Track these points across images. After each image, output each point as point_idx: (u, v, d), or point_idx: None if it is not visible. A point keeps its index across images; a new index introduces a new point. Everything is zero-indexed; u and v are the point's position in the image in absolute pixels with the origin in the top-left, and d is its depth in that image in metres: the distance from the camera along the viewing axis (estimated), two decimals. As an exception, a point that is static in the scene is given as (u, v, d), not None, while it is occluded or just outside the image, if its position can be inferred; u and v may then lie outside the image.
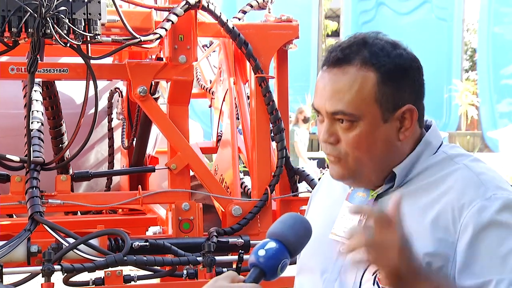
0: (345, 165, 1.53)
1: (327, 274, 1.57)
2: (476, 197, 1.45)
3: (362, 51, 1.50)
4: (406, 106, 1.51)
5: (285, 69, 3.85)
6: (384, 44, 1.52)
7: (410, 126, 1.53)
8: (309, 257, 1.63)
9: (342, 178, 1.56)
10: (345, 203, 1.62)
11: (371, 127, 1.50)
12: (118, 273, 3.18)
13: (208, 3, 3.49)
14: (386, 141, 1.52)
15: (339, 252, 1.56)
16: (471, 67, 25.90)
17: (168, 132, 3.59)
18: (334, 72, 1.51)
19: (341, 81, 1.50)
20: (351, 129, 1.50)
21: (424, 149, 1.56)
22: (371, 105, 1.49)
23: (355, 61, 1.50)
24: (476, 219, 1.43)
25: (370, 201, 1.57)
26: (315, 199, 1.80)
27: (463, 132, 20.09)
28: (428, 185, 1.52)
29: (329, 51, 1.55)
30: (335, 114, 1.51)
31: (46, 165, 3.50)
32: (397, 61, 1.51)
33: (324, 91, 1.52)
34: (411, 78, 1.53)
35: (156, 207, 4.53)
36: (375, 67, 1.49)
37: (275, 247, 1.40)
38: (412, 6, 21.49)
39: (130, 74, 3.48)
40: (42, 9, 2.95)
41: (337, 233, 1.59)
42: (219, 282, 1.39)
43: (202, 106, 8.54)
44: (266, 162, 3.67)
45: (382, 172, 1.55)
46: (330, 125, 1.53)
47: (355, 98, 1.49)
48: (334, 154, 1.53)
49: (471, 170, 1.51)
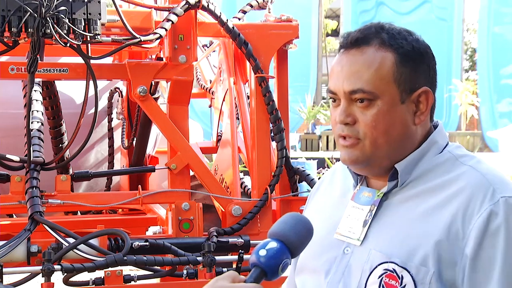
0: (361, 148, 1.52)
1: (331, 275, 1.56)
2: (485, 201, 1.44)
3: (380, 33, 1.53)
4: (422, 88, 1.53)
5: (285, 69, 3.85)
6: (400, 30, 1.55)
7: (425, 110, 1.53)
8: (312, 257, 1.62)
9: (356, 162, 1.54)
10: (350, 203, 1.61)
11: (389, 106, 1.50)
12: (118, 273, 3.18)
13: (208, 3, 3.49)
14: (403, 123, 1.52)
15: (343, 253, 1.56)
16: (471, 67, 25.92)
17: (168, 132, 3.59)
18: (353, 53, 1.53)
19: (360, 61, 1.51)
20: (369, 107, 1.50)
21: (430, 147, 1.56)
22: (390, 84, 1.50)
23: (374, 42, 1.52)
24: (484, 226, 1.42)
25: (376, 200, 1.56)
26: (315, 198, 1.79)
27: (463, 132, 20.10)
28: (436, 187, 1.51)
29: (345, 35, 1.56)
30: (353, 93, 1.51)
31: (46, 165, 3.50)
32: (414, 45, 1.53)
33: (342, 71, 1.53)
34: (426, 64, 1.55)
35: (156, 207, 4.53)
36: (393, 48, 1.51)
37: (276, 247, 1.39)
38: (412, 6, 21.52)
39: (130, 74, 3.48)
40: (42, 9, 2.95)
41: (342, 233, 1.58)
42: (219, 282, 1.38)
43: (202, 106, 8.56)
44: (266, 162, 3.67)
45: (393, 159, 1.54)
46: (347, 105, 1.52)
47: (374, 76, 1.50)
48: (352, 135, 1.52)
49: (478, 171, 1.50)
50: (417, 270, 1.44)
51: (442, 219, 1.45)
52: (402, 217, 1.51)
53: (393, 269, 1.46)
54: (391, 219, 1.52)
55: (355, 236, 1.55)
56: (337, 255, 1.56)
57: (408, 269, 1.45)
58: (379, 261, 1.48)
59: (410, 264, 1.45)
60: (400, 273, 1.45)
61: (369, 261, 1.50)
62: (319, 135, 19.09)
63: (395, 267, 1.46)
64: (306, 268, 1.65)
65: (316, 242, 1.51)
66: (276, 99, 3.73)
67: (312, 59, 22.22)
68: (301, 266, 1.67)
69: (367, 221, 1.54)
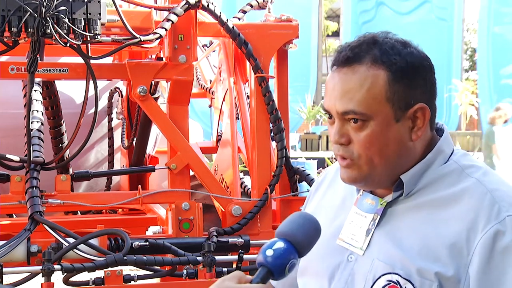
0: (357, 169, 1.50)
1: (335, 282, 1.54)
2: (491, 219, 1.42)
3: (372, 49, 1.48)
4: (418, 105, 1.48)
5: (285, 69, 3.85)
6: (394, 43, 1.49)
7: (422, 125, 1.49)
8: (315, 260, 1.60)
9: (354, 181, 1.53)
10: (353, 209, 1.59)
11: (383, 126, 1.47)
12: (118, 273, 3.18)
13: (208, 3, 3.49)
14: (398, 141, 1.48)
15: (348, 260, 1.54)
16: (471, 67, 25.92)
17: (168, 132, 3.59)
18: (344, 72, 1.48)
19: (351, 80, 1.47)
20: (363, 128, 1.47)
21: (436, 157, 1.53)
22: (382, 104, 1.46)
23: (365, 60, 1.47)
24: (490, 244, 1.40)
25: (379, 209, 1.53)
26: (315, 198, 1.76)
27: (463, 132, 20.09)
28: (441, 200, 1.48)
29: (338, 51, 1.52)
30: (346, 114, 1.48)
31: (46, 165, 3.50)
32: (408, 59, 1.48)
33: (334, 91, 1.49)
34: (422, 77, 1.50)
35: (156, 207, 4.53)
36: (385, 65, 1.46)
37: (283, 247, 1.38)
38: (412, 6, 21.50)
39: (130, 74, 3.48)
40: (42, 9, 2.95)
41: (345, 239, 1.56)
42: (226, 283, 1.37)
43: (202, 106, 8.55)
44: (266, 162, 3.67)
45: (393, 175, 1.52)
46: (341, 125, 1.49)
47: (366, 97, 1.46)
48: (346, 156, 1.50)
49: (484, 186, 1.47)
50: (421, 283, 1.42)
51: (446, 235, 1.43)
52: (406, 227, 1.49)
53: (396, 281, 1.44)
54: (395, 229, 1.50)
55: (358, 245, 1.53)
56: (341, 261, 1.55)
57: (411, 281, 1.43)
58: (382, 272, 1.47)
59: (414, 277, 1.43)
60: (404, 285, 1.43)
61: (372, 270, 1.48)
62: (319, 135, 19.08)
63: (399, 278, 1.44)
64: (308, 270, 1.63)
65: (319, 244, 1.49)
66: (276, 99, 3.73)
67: (312, 59, 22.20)
68: (303, 268, 1.65)
69: (370, 230, 1.52)
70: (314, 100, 22.33)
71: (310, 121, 20.08)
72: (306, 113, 19.96)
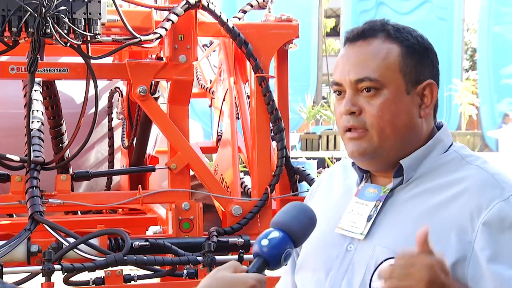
0: (369, 139, 1.52)
1: (333, 272, 1.54)
2: (494, 197, 1.44)
3: (385, 26, 1.55)
4: (427, 81, 1.54)
5: (285, 68, 3.85)
6: (404, 26, 1.58)
7: (430, 103, 1.54)
8: (312, 255, 1.61)
9: (364, 154, 1.53)
10: (354, 199, 1.59)
11: (395, 96, 1.51)
12: (118, 272, 3.18)
13: (208, 3, 3.49)
14: (409, 114, 1.52)
15: (346, 250, 1.54)
16: (471, 66, 25.91)
17: (168, 132, 3.59)
18: (359, 44, 1.54)
19: (367, 51, 1.53)
20: (375, 97, 1.51)
21: (435, 145, 1.56)
22: (396, 73, 1.51)
23: (380, 34, 1.54)
24: (497, 219, 1.41)
25: (382, 196, 1.54)
26: (316, 197, 1.76)
27: (463, 132, 20.09)
28: (442, 186, 1.50)
29: (350, 30, 1.58)
30: (360, 82, 1.51)
31: (46, 165, 3.50)
32: (419, 39, 1.56)
33: (348, 62, 1.54)
34: (430, 59, 1.57)
35: (156, 206, 4.53)
36: (399, 40, 1.53)
37: (279, 237, 1.38)
38: (412, 5, 21.50)
39: (130, 74, 3.48)
40: (42, 9, 2.95)
41: (344, 227, 1.56)
42: (221, 272, 1.36)
43: (202, 106, 8.54)
44: (266, 162, 3.67)
45: (401, 152, 1.53)
46: (353, 95, 1.53)
47: (381, 65, 1.51)
48: (358, 125, 1.52)
49: (486, 171, 1.50)
50: None
51: (449, 215, 1.45)
52: (407, 214, 1.50)
53: None
54: (396, 216, 1.51)
55: (358, 231, 1.53)
56: (339, 253, 1.55)
57: None
58: (385, 257, 1.47)
59: None
60: None
61: (374, 257, 1.49)
62: (319, 135, 19.07)
63: None
64: (305, 266, 1.64)
65: (316, 240, 1.50)
66: (276, 99, 3.73)
67: (312, 59, 22.19)
68: (301, 264, 1.66)
69: (371, 216, 1.53)
70: (314, 100, 22.31)
71: (310, 121, 20.07)
72: (306, 113, 19.94)
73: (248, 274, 1.35)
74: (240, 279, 1.33)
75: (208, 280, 1.35)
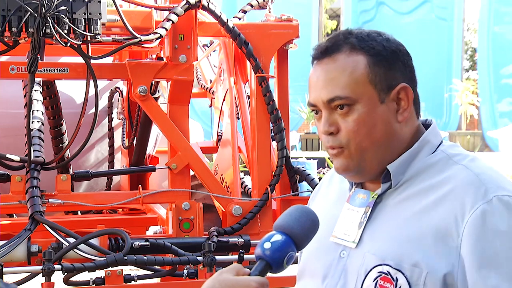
0: (348, 155, 1.52)
1: (328, 279, 1.54)
2: (477, 199, 1.42)
3: (348, 38, 1.52)
4: (400, 85, 1.51)
5: (286, 68, 3.85)
6: (369, 32, 1.55)
7: (407, 106, 1.52)
8: (311, 261, 1.61)
9: (347, 169, 1.54)
10: (346, 205, 1.60)
11: (369, 108, 1.49)
12: (119, 272, 3.18)
13: (208, 3, 3.49)
14: (385, 122, 1.51)
15: (340, 256, 1.54)
16: (471, 66, 25.91)
17: (168, 132, 3.59)
18: (325, 62, 1.52)
19: (333, 68, 1.51)
20: (349, 113, 1.50)
21: (422, 147, 1.54)
22: (366, 86, 1.49)
23: (344, 48, 1.51)
24: (480, 223, 1.40)
25: (371, 202, 1.55)
26: (316, 200, 1.78)
27: (463, 132, 20.10)
28: (429, 188, 1.49)
29: (316, 47, 1.56)
30: (332, 101, 1.50)
31: (47, 165, 3.50)
32: (384, 44, 1.52)
33: (318, 82, 1.53)
34: (400, 60, 1.54)
35: (157, 206, 4.53)
36: (364, 50, 1.51)
37: (281, 240, 1.38)
38: (412, 5, 21.50)
39: (131, 74, 3.49)
40: (43, 9, 2.95)
41: (338, 235, 1.57)
42: (224, 275, 1.37)
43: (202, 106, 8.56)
44: (266, 162, 3.68)
45: (383, 162, 1.53)
46: (329, 115, 1.52)
47: (349, 81, 1.49)
48: (336, 145, 1.52)
49: (470, 170, 1.48)
50: (411, 272, 1.42)
51: (434, 219, 1.44)
52: (395, 218, 1.50)
53: (387, 272, 1.45)
54: (385, 221, 1.51)
55: (350, 239, 1.54)
56: (333, 259, 1.55)
57: (402, 271, 1.43)
58: (374, 264, 1.47)
59: (404, 266, 1.43)
60: (395, 275, 1.44)
61: (364, 264, 1.49)
62: (319, 135, 19.05)
63: (389, 269, 1.45)
64: (305, 273, 1.64)
65: (315, 245, 1.50)
66: (276, 98, 3.73)
67: (312, 59, 22.18)
68: (302, 270, 1.66)
69: (362, 223, 1.53)
70: (314, 100, 22.31)
71: (310, 121, 20.07)
72: (307, 113, 19.95)
73: (250, 277, 1.36)
74: (242, 282, 1.34)
75: (210, 282, 1.36)
